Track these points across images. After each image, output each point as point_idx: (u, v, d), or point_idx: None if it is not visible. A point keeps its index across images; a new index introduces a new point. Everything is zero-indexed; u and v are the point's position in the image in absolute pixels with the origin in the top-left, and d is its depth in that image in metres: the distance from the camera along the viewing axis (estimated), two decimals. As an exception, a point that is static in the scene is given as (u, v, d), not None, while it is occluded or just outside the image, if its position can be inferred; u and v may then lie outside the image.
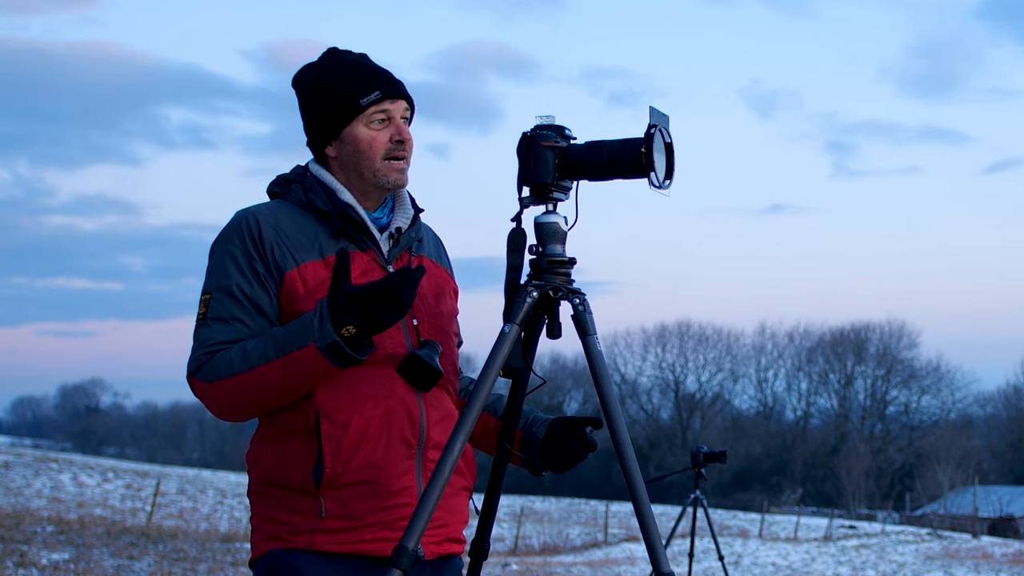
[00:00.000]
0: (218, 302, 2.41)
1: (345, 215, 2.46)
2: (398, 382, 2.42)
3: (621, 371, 70.51)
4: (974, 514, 40.47)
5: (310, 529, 2.37)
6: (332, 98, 2.47)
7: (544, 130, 2.37)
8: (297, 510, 2.39)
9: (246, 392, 2.34)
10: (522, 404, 2.52)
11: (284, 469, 2.40)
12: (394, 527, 2.37)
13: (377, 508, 2.37)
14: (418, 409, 2.43)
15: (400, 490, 2.39)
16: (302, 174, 2.54)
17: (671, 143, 2.35)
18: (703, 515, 8.59)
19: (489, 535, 2.54)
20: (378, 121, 2.47)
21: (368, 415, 2.38)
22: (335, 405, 2.37)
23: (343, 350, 2.24)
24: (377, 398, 2.39)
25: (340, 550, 2.37)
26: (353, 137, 2.47)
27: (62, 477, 30.25)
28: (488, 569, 16.19)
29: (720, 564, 9.05)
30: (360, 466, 2.36)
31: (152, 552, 14.43)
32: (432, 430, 2.45)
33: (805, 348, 70.03)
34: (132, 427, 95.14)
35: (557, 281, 2.35)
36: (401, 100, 2.50)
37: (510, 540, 25.60)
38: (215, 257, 2.46)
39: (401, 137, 2.48)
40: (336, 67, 2.50)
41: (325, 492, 2.36)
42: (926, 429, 65.02)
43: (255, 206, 2.51)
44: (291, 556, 2.38)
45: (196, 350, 2.41)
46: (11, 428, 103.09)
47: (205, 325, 2.41)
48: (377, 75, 2.50)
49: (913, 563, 24.21)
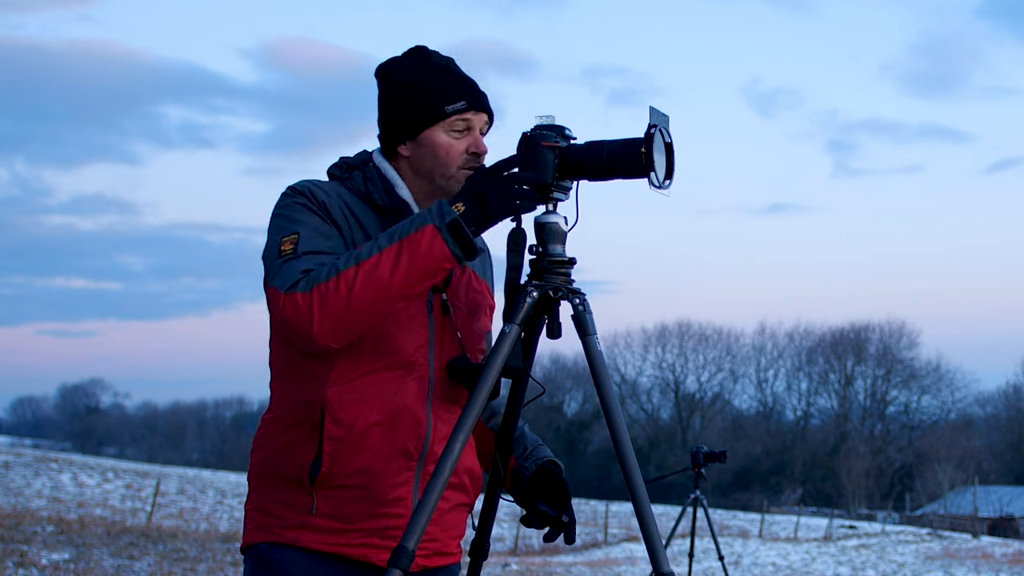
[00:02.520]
0: (307, 239, 2.34)
1: (399, 212, 2.45)
2: (409, 391, 2.39)
3: (621, 371, 70.53)
4: (974, 514, 40.48)
5: (299, 524, 2.36)
6: (418, 100, 2.46)
7: (544, 130, 2.37)
8: (289, 503, 2.37)
9: (353, 291, 2.22)
10: (521, 407, 2.51)
11: (285, 457, 2.38)
12: (383, 535, 2.35)
13: (368, 514, 2.35)
14: (425, 421, 2.41)
15: (394, 500, 2.37)
16: (366, 161, 2.53)
17: (671, 143, 2.35)
18: (703, 515, 8.59)
19: (489, 535, 2.54)
20: (458, 130, 2.46)
21: (373, 420, 2.35)
22: (342, 404, 2.34)
23: (461, 229, 2.23)
24: (385, 404, 2.36)
25: (326, 550, 2.35)
26: (431, 141, 2.45)
27: (62, 477, 30.26)
28: (488, 569, 16.20)
29: (720, 564, 9.05)
30: (357, 470, 2.34)
31: (152, 552, 14.43)
32: (436, 445, 2.41)
33: (805, 348, 70.11)
34: (132, 427, 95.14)
35: (557, 281, 2.35)
36: (483, 113, 2.49)
37: (510, 540, 25.60)
38: (288, 210, 2.40)
39: (478, 150, 2.47)
40: (425, 68, 2.49)
41: (319, 490, 2.34)
42: (926, 429, 65.05)
43: (317, 180, 2.49)
44: (276, 551, 2.37)
45: (290, 273, 2.29)
46: (11, 428, 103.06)
47: (296, 258, 2.31)
48: (465, 84, 2.49)
49: (913, 563, 24.21)
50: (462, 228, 2.24)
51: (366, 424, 2.34)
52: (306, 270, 2.28)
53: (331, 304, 2.23)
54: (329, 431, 2.33)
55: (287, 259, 2.32)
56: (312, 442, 2.35)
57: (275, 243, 2.36)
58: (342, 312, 2.24)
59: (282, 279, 2.29)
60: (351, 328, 2.27)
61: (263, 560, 2.39)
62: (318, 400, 2.35)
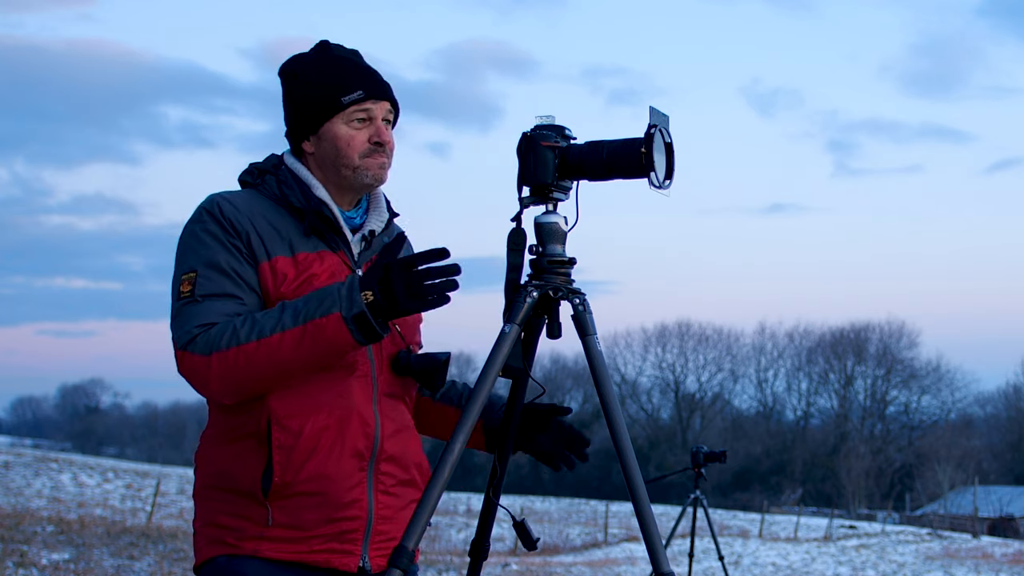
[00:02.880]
0: (206, 278, 2.31)
1: (318, 213, 2.42)
2: (354, 392, 2.37)
3: (621, 371, 70.54)
4: (974, 514, 40.46)
5: (256, 536, 2.32)
6: (315, 93, 2.44)
7: (544, 130, 2.37)
8: (243, 516, 2.33)
9: (252, 364, 2.23)
10: (521, 407, 2.51)
11: (234, 472, 2.34)
12: (342, 539, 2.34)
13: (325, 519, 2.32)
14: (373, 420, 2.38)
15: (350, 502, 2.34)
16: (277, 165, 2.49)
17: (671, 143, 2.35)
18: (703, 515, 8.59)
19: (489, 535, 2.54)
20: (358, 120, 2.43)
21: (321, 424, 2.32)
22: (288, 412, 2.31)
23: (368, 321, 2.21)
24: (332, 407, 2.34)
25: (286, 558, 2.32)
26: (332, 134, 2.43)
27: (62, 477, 30.26)
28: (488, 569, 16.20)
29: (720, 564, 9.05)
30: (310, 476, 2.31)
31: (152, 552, 14.42)
32: (386, 443, 2.40)
33: (805, 348, 70.10)
34: (132, 427, 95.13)
35: (557, 281, 2.35)
36: (384, 102, 2.46)
37: (510, 540, 25.58)
38: (193, 237, 2.36)
39: (380, 139, 2.44)
40: (324, 62, 2.47)
41: (273, 500, 2.31)
42: (926, 429, 65.05)
43: (228, 192, 2.44)
44: (236, 562, 2.33)
45: (186, 325, 2.28)
46: (11, 428, 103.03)
47: (194, 302, 2.29)
48: (362, 74, 2.46)
49: (913, 563, 24.21)
50: (368, 320, 2.22)
51: (314, 429, 2.32)
52: (203, 324, 2.27)
53: (228, 373, 2.25)
54: (277, 440, 2.29)
55: (184, 302, 2.31)
56: (260, 453, 2.31)
57: (176, 279, 2.35)
58: (238, 381, 2.26)
59: (178, 330, 2.30)
60: (249, 392, 2.30)
61: (223, 573, 2.34)
62: (262, 410, 2.31)
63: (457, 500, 38.14)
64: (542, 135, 2.36)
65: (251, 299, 2.34)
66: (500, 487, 2.53)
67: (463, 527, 28.57)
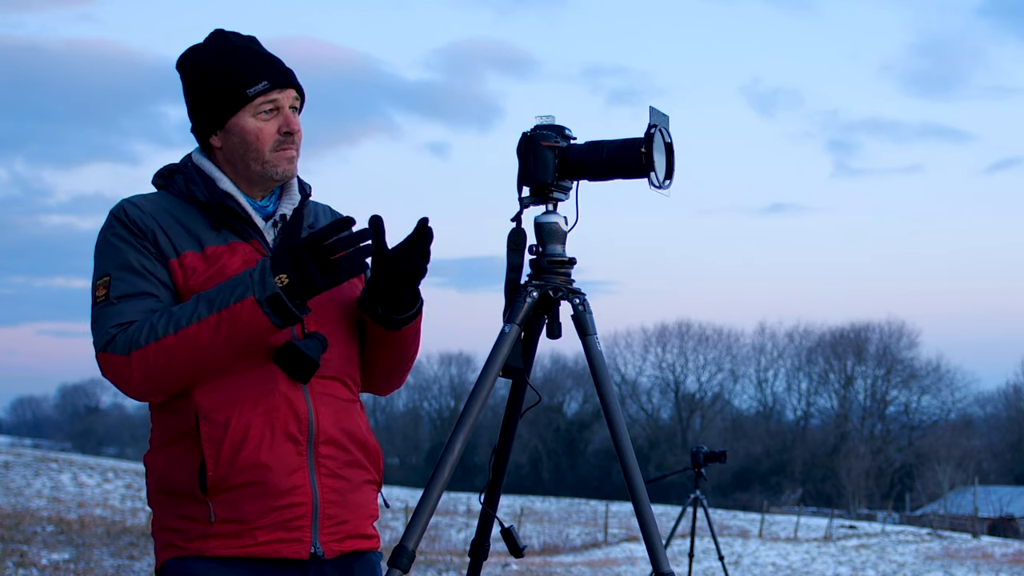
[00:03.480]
0: (120, 280, 2.31)
1: (222, 204, 2.38)
2: (280, 377, 2.32)
3: (621, 371, 70.53)
4: (974, 514, 40.45)
5: (201, 535, 2.29)
6: (218, 86, 2.39)
7: (544, 130, 2.37)
8: (187, 516, 2.31)
9: (172, 358, 2.22)
10: (520, 414, 2.51)
11: (172, 474, 2.33)
12: (288, 527, 2.30)
13: (268, 509, 2.29)
14: (304, 404, 2.33)
15: (291, 488, 2.30)
16: (185, 163, 2.47)
17: (671, 143, 2.35)
18: (703, 515, 8.59)
19: (489, 535, 2.54)
20: (266, 112, 2.38)
21: (248, 414, 2.29)
22: (213, 405, 2.28)
23: (282, 302, 2.18)
24: (258, 396, 2.30)
25: (233, 554, 2.29)
26: (240, 128, 2.38)
27: (62, 477, 30.27)
28: (488, 569, 16.20)
29: (720, 564, 9.05)
30: (244, 467, 2.27)
31: (152, 552, 14.42)
32: (322, 423, 2.35)
33: (805, 348, 70.09)
34: (132, 427, 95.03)
35: (557, 281, 2.35)
36: (290, 89, 2.41)
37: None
38: (103, 244, 2.36)
39: (289, 128, 2.39)
40: (223, 52, 2.42)
41: (212, 496, 2.28)
42: (926, 429, 65.03)
43: (134, 196, 2.43)
44: (185, 564, 2.31)
45: (104, 326, 2.28)
46: (11, 428, 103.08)
47: (109, 304, 2.29)
48: (266, 63, 2.41)
49: (913, 563, 24.21)
50: (283, 302, 2.20)
51: (242, 419, 2.28)
52: (120, 324, 2.26)
53: (148, 370, 2.24)
54: (206, 434, 2.27)
55: (101, 306, 2.29)
56: (195, 451, 2.29)
57: (93, 285, 2.34)
58: (159, 377, 2.25)
59: (96, 334, 2.29)
60: (172, 387, 2.28)
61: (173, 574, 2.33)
62: (189, 407, 2.30)
63: (457, 500, 38.13)
64: (542, 135, 2.36)
65: (165, 295, 2.33)
66: (497, 492, 2.53)
67: (463, 527, 28.57)
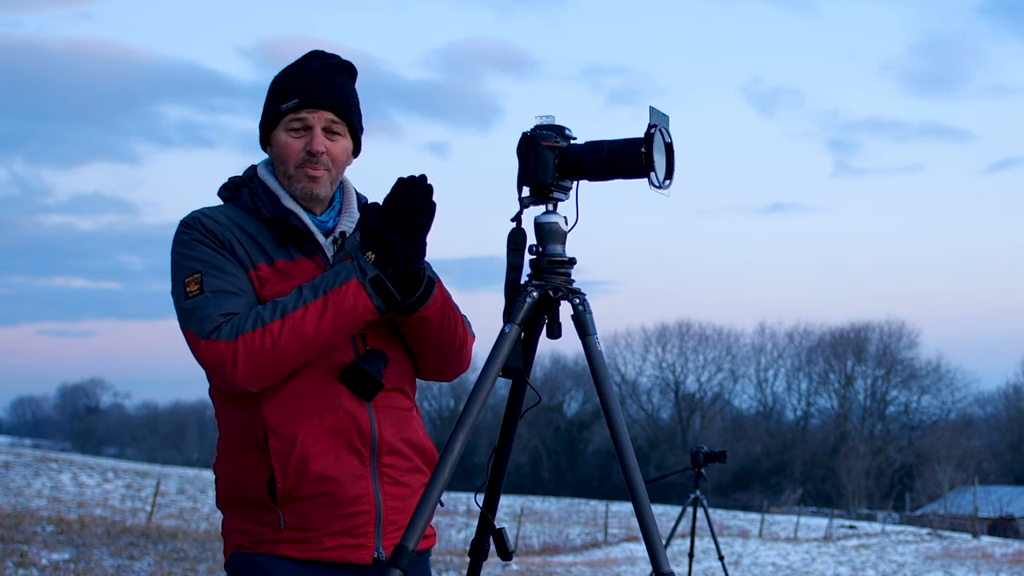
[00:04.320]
0: (212, 276, 2.37)
1: (285, 222, 2.46)
2: (343, 393, 2.41)
3: (621, 371, 70.53)
4: (974, 514, 40.46)
5: (271, 539, 2.41)
6: (266, 102, 2.51)
7: (544, 130, 2.37)
8: (258, 521, 2.42)
9: (278, 344, 2.29)
10: (520, 414, 2.51)
11: (242, 483, 2.42)
12: (354, 534, 2.40)
13: (335, 517, 2.39)
14: (367, 418, 2.43)
15: (356, 497, 2.40)
16: (251, 178, 2.54)
17: (671, 143, 2.35)
18: (703, 515, 8.59)
19: (489, 536, 2.54)
20: (295, 129, 2.47)
21: (314, 429, 2.38)
22: (281, 420, 2.37)
23: (383, 282, 2.29)
24: (323, 411, 2.39)
25: (302, 556, 2.39)
26: (276, 142, 2.50)
27: (62, 477, 30.26)
28: (488, 569, 16.20)
29: (720, 564, 9.05)
30: (311, 479, 2.37)
31: (152, 552, 14.42)
32: (384, 435, 2.44)
33: (805, 348, 70.12)
34: (132, 427, 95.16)
35: (557, 281, 2.35)
36: (323, 111, 2.47)
37: (510, 540, 25.59)
38: (184, 247, 2.42)
39: (312, 149, 2.46)
40: (287, 70, 2.53)
41: (282, 506, 2.38)
42: (926, 429, 65.04)
43: (206, 208, 2.51)
44: (256, 557, 2.42)
45: (208, 314, 2.32)
46: (11, 428, 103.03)
47: (204, 297, 2.34)
48: (305, 83, 2.48)
49: (913, 563, 24.20)
50: (383, 282, 2.30)
51: (308, 434, 2.38)
52: (226, 314, 2.32)
53: (256, 356, 2.30)
54: (274, 448, 2.37)
55: (195, 299, 2.35)
56: (263, 462, 2.39)
57: (179, 283, 2.39)
58: (266, 363, 2.31)
59: (197, 323, 2.33)
60: (273, 376, 2.35)
61: (246, 564, 2.43)
62: (258, 420, 2.38)
63: (457, 500, 38.13)
64: (542, 135, 2.36)
65: (254, 298, 2.40)
66: (497, 492, 2.54)
67: (463, 527, 28.57)
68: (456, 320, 2.55)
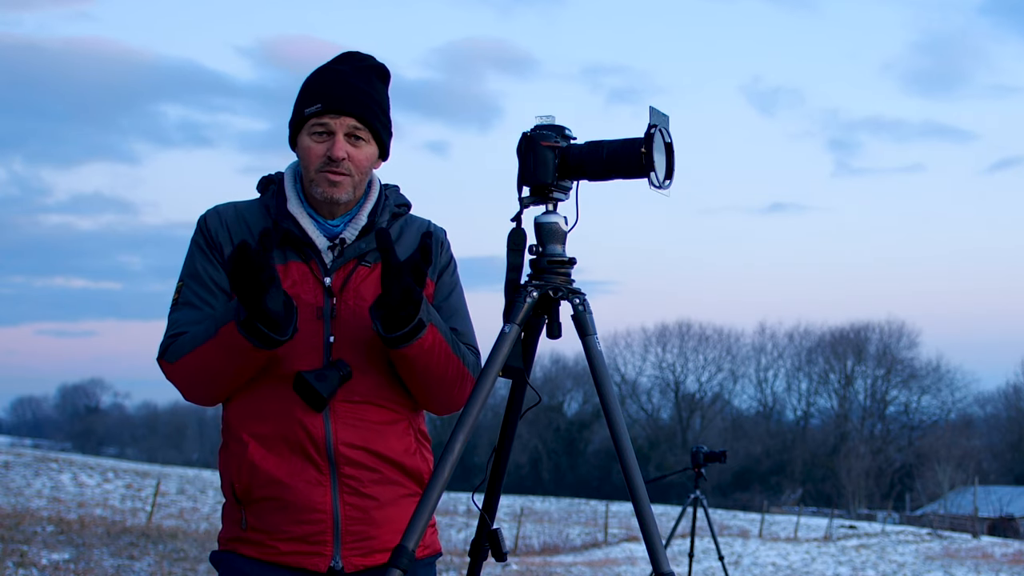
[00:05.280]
0: (188, 287, 2.51)
1: (277, 225, 2.49)
2: (298, 401, 2.43)
3: (621, 371, 70.53)
4: (974, 514, 40.47)
5: (236, 537, 2.49)
6: (294, 105, 2.53)
7: (544, 130, 2.37)
8: (230, 518, 2.53)
9: (195, 373, 2.42)
10: (519, 414, 2.51)
11: (223, 477, 2.54)
12: (309, 540, 2.43)
13: (291, 521, 2.43)
14: (322, 428, 2.43)
15: (310, 507, 2.42)
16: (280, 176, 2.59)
17: (671, 143, 2.35)
18: (703, 515, 8.58)
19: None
20: (317, 133, 2.47)
21: (268, 432, 2.44)
22: (238, 421, 2.47)
23: (255, 326, 2.29)
24: (278, 415, 2.43)
25: (261, 558, 2.46)
26: (299, 145, 2.52)
27: (62, 477, 30.26)
28: (488, 569, 16.20)
29: (720, 564, 9.05)
30: (264, 482, 2.43)
31: (152, 552, 14.42)
32: (341, 447, 2.43)
33: (805, 348, 70.12)
34: (132, 427, 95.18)
35: (557, 281, 2.35)
36: (346, 117, 2.46)
37: (510, 540, 25.61)
38: (188, 249, 2.57)
39: (332, 155, 2.45)
40: (316, 73, 2.54)
41: (244, 504, 2.47)
42: (926, 429, 65.04)
43: (226, 203, 2.59)
44: (227, 556, 2.53)
45: (165, 333, 2.50)
46: (11, 428, 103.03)
47: (176, 310, 2.50)
48: (330, 87, 2.47)
49: (913, 563, 24.21)
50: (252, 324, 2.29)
51: (262, 437, 2.44)
52: (174, 335, 2.45)
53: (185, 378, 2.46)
54: (232, 449, 2.47)
55: (171, 310, 2.51)
56: (233, 461, 2.47)
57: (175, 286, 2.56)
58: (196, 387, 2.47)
59: (163, 338, 2.49)
60: (210, 396, 2.48)
61: (219, 563, 2.55)
62: (225, 422, 2.51)
63: (457, 500, 38.13)
64: (542, 135, 2.36)
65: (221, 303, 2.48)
66: (496, 492, 2.53)
67: (463, 527, 28.57)
68: (450, 365, 2.49)
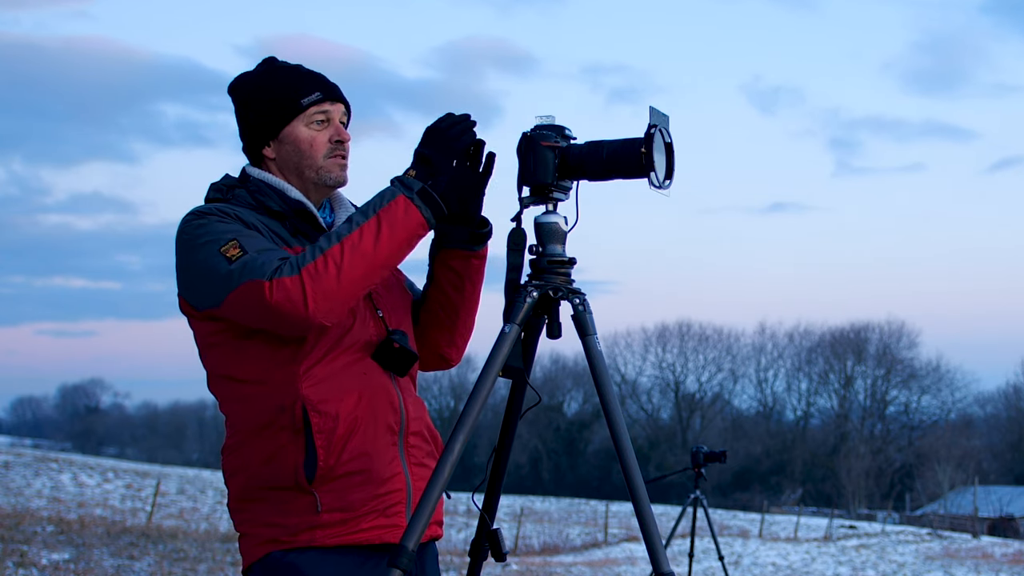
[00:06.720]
0: (251, 238, 2.34)
1: (300, 212, 2.49)
2: (375, 370, 2.45)
3: (621, 371, 70.53)
4: (974, 514, 40.47)
5: (308, 526, 2.37)
6: (273, 99, 2.50)
7: (544, 130, 2.37)
8: (291, 510, 2.37)
9: (342, 266, 2.26)
10: (519, 414, 2.51)
11: (273, 470, 2.38)
12: (388, 513, 2.41)
13: (371, 496, 2.40)
14: (396, 396, 2.48)
15: (390, 476, 2.43)
16: (244, 178, 2.54)
17: (671, 143, 2.35)
18: (703, 515, 8.59)
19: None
20: (318, 122, 2.51)
21: (355, 404, 2.40)
22: (321, 397, 2.36)
23: (430, 195, 2.33)
24: (361, 388, 2.42)
25: (340, 543, 2.38)
26: (294, 137, 2.50)
27: (62, 477, 30.26)
28: (488, 569, 16.20)
29: (720, 564, 9.05)
30: (351, 456, 2.38)
31: (152, 552, 14.42)
32: (410, 415, 2.51)
33: (805, 348, 70.11)
34: (132, 427, 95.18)
35: (557, 281, 2.35)
36: (340, 103, 2.55)
37: (510, 540, 25.62)
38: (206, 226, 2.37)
39: (341, 137, 2.53)
40: (277, 71, 2.56)
41: (319, 486, 2.36)
42: (926, 429, 65.05)
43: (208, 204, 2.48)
44: (292, 555, 2.37)
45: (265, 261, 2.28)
46: (11, 428, 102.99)
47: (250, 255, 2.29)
48: (316, 78, 2.55)
49: (913, 563, 24.21)
50: (429, 193, 2.33)
51: (349, 409, 2.39)
52: (282, 258, 2.29)
53: (323, 283, 2.26)
54: (317, 426, 2.35)
55: (241, 259, 2.29)
56: (298, 443, 2.36)
57: (212, 255, 2.32)
58: (334, 289, 2.27)
59: (258, 270, 2.26)
60: (344, 303, 2.31)
61: (278, 567, 2.38)
62: (295, 401, 2.35)
63: (457, 500, 38.17)
64: (542, 135, 2.36)
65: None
66: (496, 492, 2.54)
67: (463, 527, 28.58)
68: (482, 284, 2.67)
